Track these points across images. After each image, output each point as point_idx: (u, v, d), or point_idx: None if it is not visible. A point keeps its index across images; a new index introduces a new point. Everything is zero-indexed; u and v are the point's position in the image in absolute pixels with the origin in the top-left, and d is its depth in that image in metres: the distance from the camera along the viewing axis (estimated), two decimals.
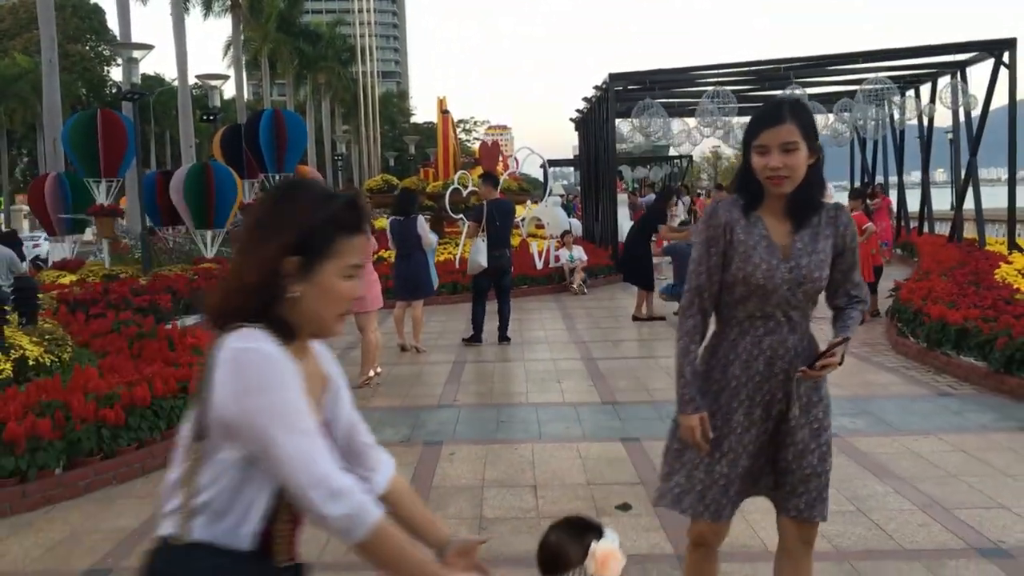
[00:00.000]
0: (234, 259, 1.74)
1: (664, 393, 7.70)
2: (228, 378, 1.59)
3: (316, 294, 1.69)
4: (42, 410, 5.56)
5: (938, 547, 4.21)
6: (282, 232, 1.66)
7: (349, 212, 1.72)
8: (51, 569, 4.29)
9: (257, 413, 1.57)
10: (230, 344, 1.61)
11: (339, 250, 1.70)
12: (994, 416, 6.59)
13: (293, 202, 1.70)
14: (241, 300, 1.66)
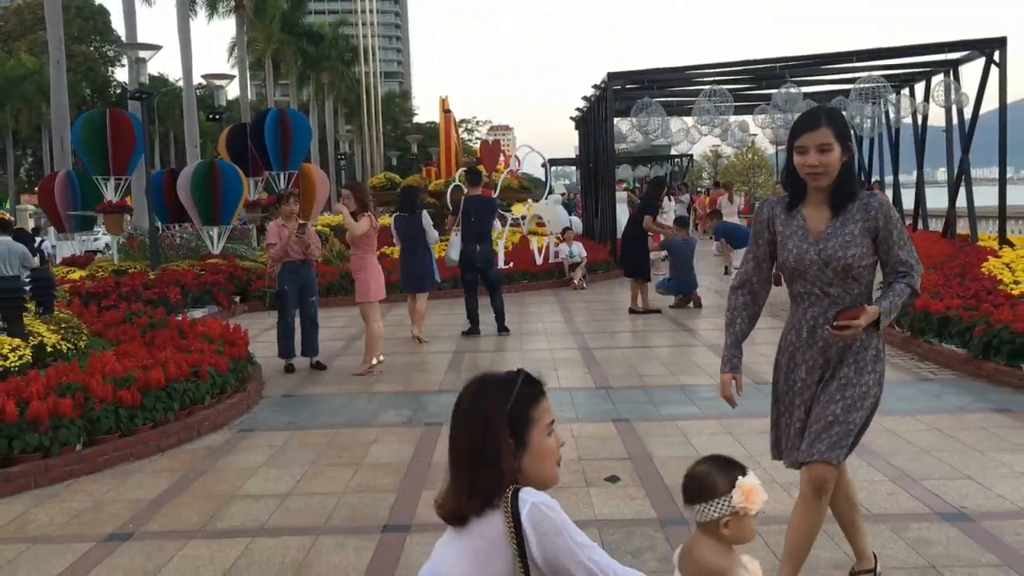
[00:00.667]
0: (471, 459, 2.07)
1: (656, 379, 8.01)
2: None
3: (534, 459, 2.08)
4: (63, 391, 5.87)
5: (904, 512, 4.51)
6: (498, 428, 2.04)
7: (528, 386, 2.12)
8: (77, 533, 4.60)
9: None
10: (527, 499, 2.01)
11: (536, 417, 2.09)
12: (971, 399, 6.88)
13: (487, 401, 2.09)
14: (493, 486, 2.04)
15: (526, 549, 1.96)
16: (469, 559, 2.03)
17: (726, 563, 2.29)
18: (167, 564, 4.13)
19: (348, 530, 4.51)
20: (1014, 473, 5.05)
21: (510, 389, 2.09)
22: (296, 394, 7.92)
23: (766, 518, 4.55)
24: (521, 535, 1.96)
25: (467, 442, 2.08)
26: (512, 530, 1.97)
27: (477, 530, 2.02)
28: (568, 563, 1.97)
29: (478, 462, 2.05)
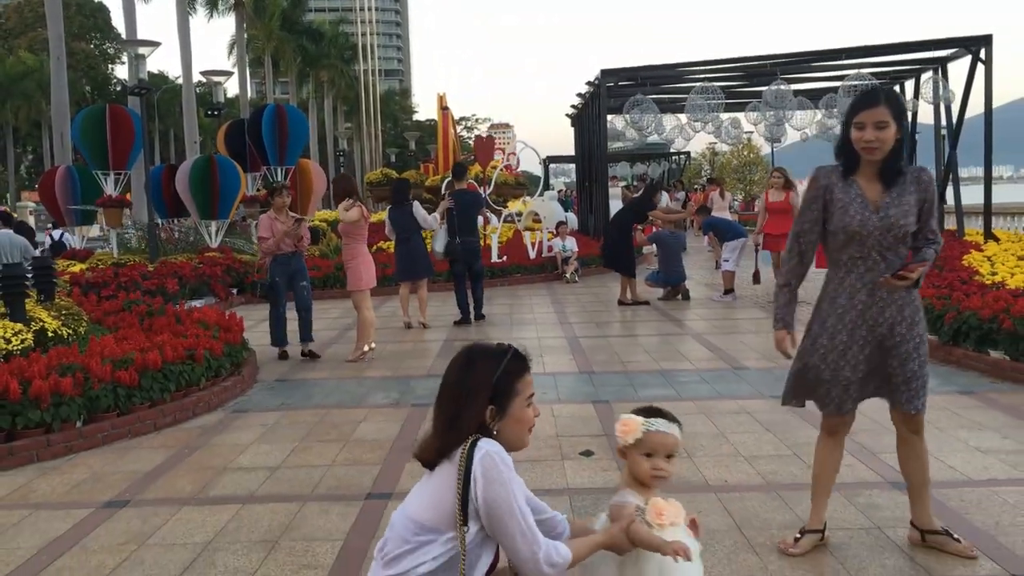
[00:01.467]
0: (444, 413, 2.38)
1: (638, 365, 8.27)
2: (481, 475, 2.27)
3: (511, 424, 2.40)
4: (63, 371, 6.13)
5: (858, 481, 4.77)
6: (481, 395, 2.35)
7: (517, 361, 2.43)
8: (77, 500, 4.86)
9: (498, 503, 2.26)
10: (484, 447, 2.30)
11: (519, 390, 2.40)
12: (938, 382, 7.13)
13: (476, 369, 2.39)
14: (458, 442, 2.31)
15: (471, 489, 2.23)
16: (429, 496, 2.32)
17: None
18: (162, 527, 4.40)
19: (333, 497, 4.77)
20: (968, 448, 5.31)
21: (499, 361, 2.39)
22: (289, 379, 8.19)
23: (727, 486, 4.84)
24: (469, 475, 2.23)
25: (451, 399, 2.38)
26: (462, 470, 2.23)
27: (441, 472, 2.30)
28: (504, 514, 2.24)
29: (455, 421, 2.33)
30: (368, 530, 4.25)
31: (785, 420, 6.09)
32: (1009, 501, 4.38)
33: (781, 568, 3.69)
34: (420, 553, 2.28)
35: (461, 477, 2.24)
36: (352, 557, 3.93)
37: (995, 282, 9.13)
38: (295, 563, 3.90)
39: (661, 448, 2.55)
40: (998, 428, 5.73)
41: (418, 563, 2.27)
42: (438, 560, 2.27)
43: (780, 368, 7.82)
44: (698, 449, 5.46)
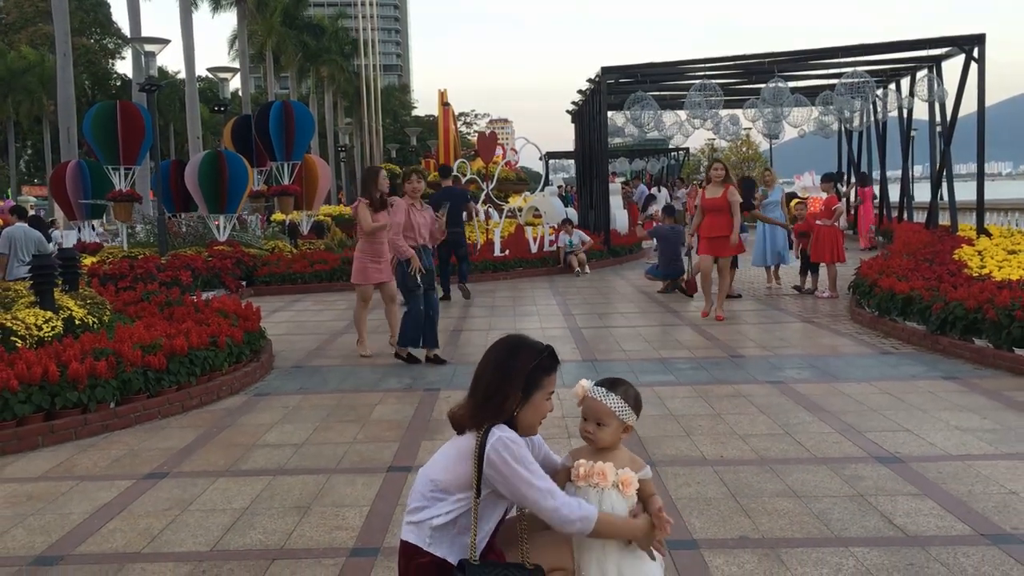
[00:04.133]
0: (485, 393, 2.75)
1: (638, 354, 8.64)
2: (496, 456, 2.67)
3: (529, 412, 2.75)
4: (97, 355, 6.49)
5: (844, 456, 5.14)
6: (515, 382, 2.71)
7: (550, 360, 2.79)
8: (118, 472, 5.23)
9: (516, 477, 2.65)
10: (496, 433, 2.69)
11: (545, 384, 2.76)
12: (924, 368, 7.51)
13: (518, 359, 2.74)
14: (488, 419, 2.72)
15: (483, 468, 2.66)
16: (449, 459, 2.77)
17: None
18: (202, 495, 4.76)
19: (357, 470, 5.14)
20: (949, 427, 5.68)
21: (539, 355, 2.79)
22: (305, 365, 8.55)
23: (723, 460, 5.21)
24: (483, 457, 2.66)
25: (489, 379, 2.77)
26: (477, 451, 2.67)
27: (461, 443, 2.75)
28: (520, 485, 2.64)
29: (488, 400, 2.74)
30: (392, 497, 4.62)
31: (779, 403, 6.46)
32: (983, 473, 4.75)
33: (771, 528, 4.06)
34: (433, 508, 2.71)
35: (476, 456, 2.66)
36: (378, 520, 4.30)
37: (982, 275, 9.49)
38: (327, 525, 4.27)
39: (592, 414, 2.87)
40: (977, 410, 6.10)
41: (433, 515, 2.70)
42: (450, 515, 2.69)
43: (776, 356, 8.23)
44: (696, 429, 5.83)
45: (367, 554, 3.91)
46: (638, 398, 2.95)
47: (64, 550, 4.06)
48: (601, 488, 2.78)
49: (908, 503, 4.33)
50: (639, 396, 2.96)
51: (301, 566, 3.80)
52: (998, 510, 4.20)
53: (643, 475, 2.85)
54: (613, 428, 2.85)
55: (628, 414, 2.88)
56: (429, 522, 2.70)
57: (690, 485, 4.70)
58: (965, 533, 3.95)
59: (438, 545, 2.68)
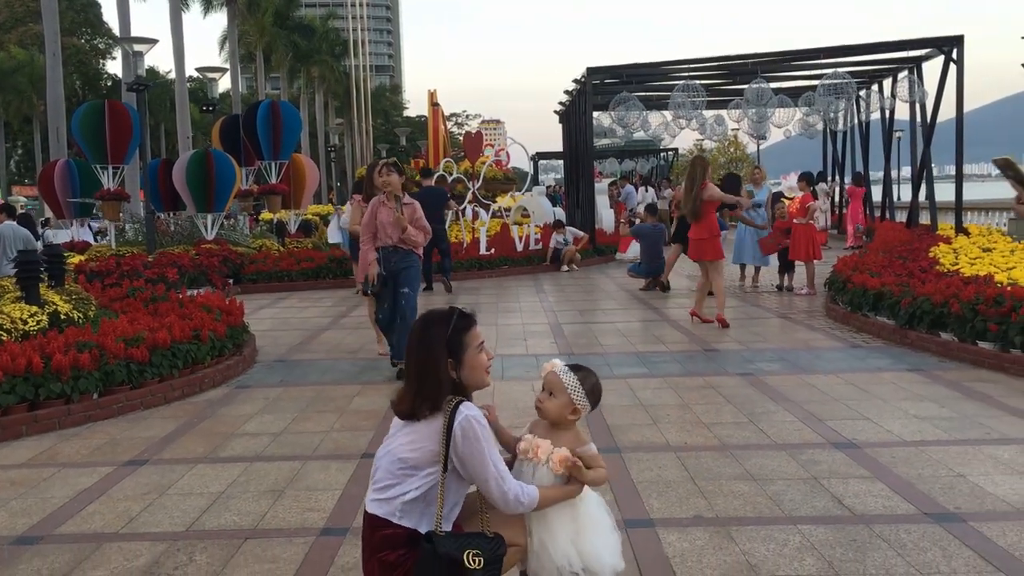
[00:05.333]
0: (417, 374, 2.88)
1: (615, 348, 8.82)
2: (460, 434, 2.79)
3: (468, 371, 2.89)
4: (80, 348, 6.63)
5: (803, 442, 5.32)
6: (439, 352, 2.85)
7: (462, 319, 2.92)
8: (99, 460, 5.38)
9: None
10: (464, 412, 2.81)
11: (468, 342, 2.89)
12: (891, 361, 7.70)
13: (432, 332, 2.90)
14: (433, 396, 2.85)
15: (451, 445, 2.80)
16: (412, 442, 2.89)
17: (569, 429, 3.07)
18: (179, 480, 4.92)
19: (332, 457, 5.30)
20: (907, 416, 5.87)
21: (448, 322, 2.92)
22: (287, 359, 8.70)
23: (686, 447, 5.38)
24: (450, 434, 2.80)
25: (416, 362, 2.91)
26: (446, 429, 2.81)
27: (425, 424, 2.87)
28: (478, 464, 2.80)
29: (423, 378, 2.88)
30: (365, 482, 4.74)
31: (746, 394, 6.64)
32: (934, 458, 4.93)
33: (725, 509, 4.23)
34: (404, 485, 2.85)
35: (444, 433, 2.80)
36: (350, 503, 4.46)
37: (951, 271, 9.69)
38: (300, 507, 4.43)
39: (547, 384, 3.06)
40: (937, 399, 6.29)
41: (403, 492, 2.84)
42: (419, 490, 2.84)
43: (749, 350, 8.41)
44: (663, 418, 6.00)
45: (336, 533, 4.07)
46: (596, 388, 3.09)
47: (44, 531, 4.21)
48: (535, 463, 2.96)
49: (858, 485, 4.51)
50: (598, 387, 3.10)
51: (272, 544, 3.96)
52: (944, 491, 4.39)
53: (583, 451, 3.00)
54: (561, 403, 3.01)
55: (579, 395, 3.02)
56: (400, 498, 2.83)
57: (652, 469, 4.88)
58: (910, 512, 4.13)
59: (408, 518, 2.83)
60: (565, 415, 3.03)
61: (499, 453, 2.89)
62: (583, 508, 3.02)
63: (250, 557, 3.83)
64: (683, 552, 3.74)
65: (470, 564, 2.74)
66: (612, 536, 3.07)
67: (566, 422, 3.05)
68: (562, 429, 3.06)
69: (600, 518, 3.07)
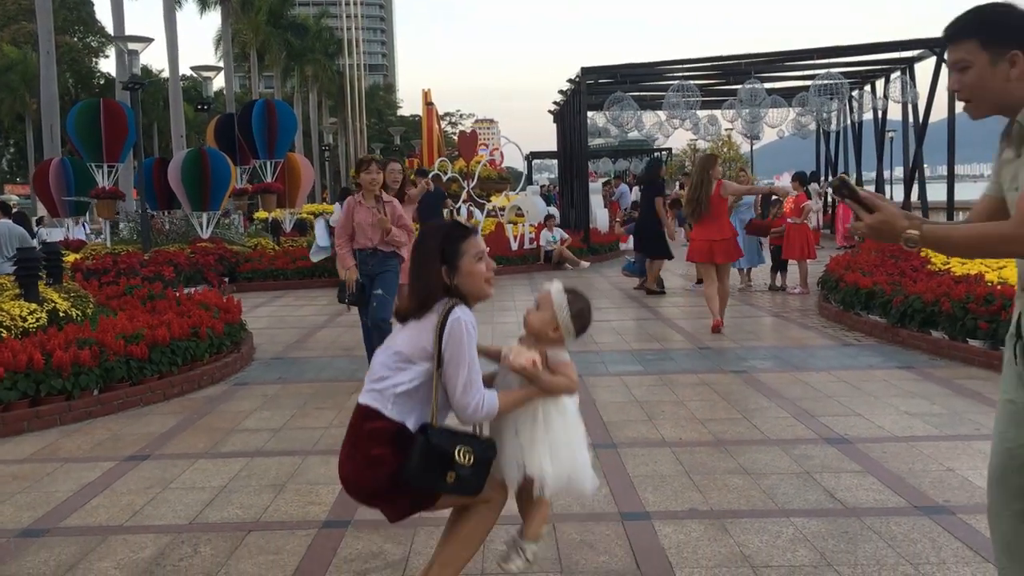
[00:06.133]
0: (413, 279, 3.00)
1: (609, 346, 8.90)
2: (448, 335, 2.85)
3: (465, 278, 2.95)
4: (81, 344, 6.68)
5: (796, 438, 5.41)
6: (434, 260, 2.94)
7: (457, 228, 3.04)
8: (101, 455, 5.43)
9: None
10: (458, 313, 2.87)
11: (464, 250, 2.96)
12: (882, 359, 7.80)
13: (428, 242, 2.99)
14: (430, 298, 2.94)
15: (442, 340, 2.86)
16: (410, 337, 2.96)
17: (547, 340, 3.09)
18: (181, 475, 4.98)
19: (332, 452, 5.33)
20: (898, 412, 5.96)
21: (442, 231, 3.04)
22: (285, 356, 8.76)
23: (681, 442, 5.45)
24: (443, 331, 2.87)
25: (416, 272, 3.01)
26: (439, 326, 2.88)
27: (422, 321, 2.94)
28: (456, 364, 2.85)
29: (419, 279, 2.98)
30: None
31: (740, 390, 6.73)
32: (924, 452, 5.02)
33: (720, 502, 4.31)
34: (398, 376, 2.91)
35: (437, 329, 2.87)
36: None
37: (943, 270, 9.79)
38: (301, 501, 4.50)
39: (538, 299, 3.13)
40: (928, 396, 6.38)
41: (397, 383, 2.90)
42: (412, 383, 2.89)
43: (743, 348, 8.50)
44: (658, 414, 6.08)
45: (338, 526, 4.14)
46: (583, 314, 3.10)
47: (50, 524, 4.27)
48: (508, 368, 3.00)
49: (850, 479, 4.59)
50: (586, 313, 3.12)
51: (276, 536, 4.03)
52: (934, 485, 4.47)
53: (553, 354, 3.02)
54: (544, 317, 3.05)
55: (564, 314, 3.04)
56: (393, 389, 2.88)
57: (647, 464, 4.95)
58: (900, 505, 4.22)
59: (398, 409, 2.87)
60: (547, 331, 3.05)
61: (479, 366, 2.90)
62: (561, 423, 3.03)
63: (254, 549, 3.90)
64: (679, 544, 3.82)
65: (460, 459, 2.82)
66: (585, 453, 3.11)
67: (548, 339, 3.06)
68: (546, 345, 3.06)
69: (576, 436, 3.10)
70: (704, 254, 9.52)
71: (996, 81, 2.32)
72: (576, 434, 3.11)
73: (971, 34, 2.33)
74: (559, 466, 2.99)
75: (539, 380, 2.95)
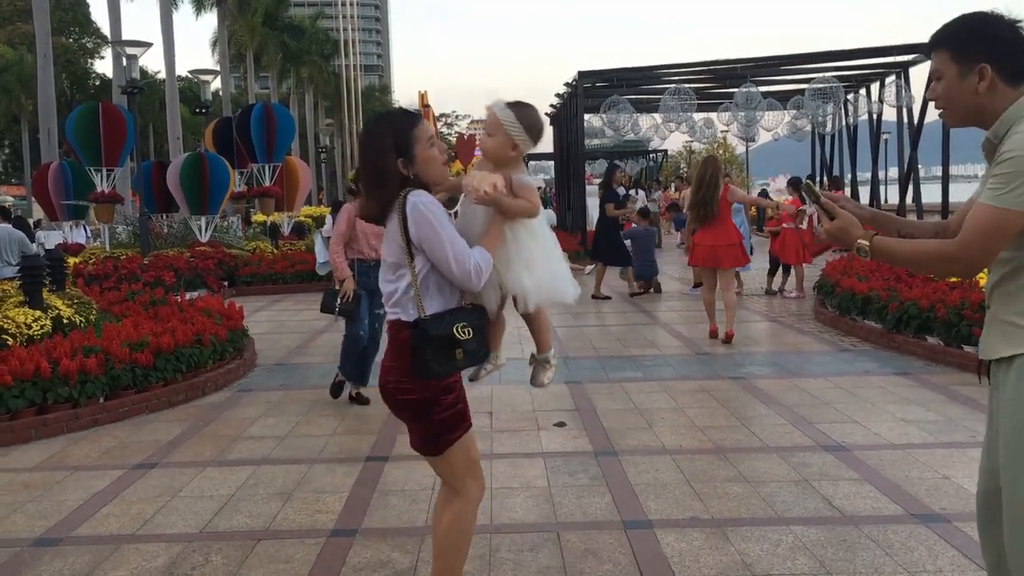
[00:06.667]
0: (367, 176, 2.92)
1: (609, 351, 8.98)
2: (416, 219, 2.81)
3: (422, 165, 2.90)
4: (87, 352, 6.75)
5: (794, 445, 5.50)
6: (388, 150, 2.86)
7: (405, 115, 2.97)
8: (109, 463, 5.50)
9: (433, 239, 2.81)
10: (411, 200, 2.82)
11: (417, 136, 2.90)
12: (878, 365, 7.90)
13: (377, 131, 2.92)
14: (391, 195, 2.88)
15: (409, 231, 2.83)
16: (388, 243, 2.94)
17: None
18: (190, 483, 5.05)
19: (337, 460, 5.45)
20: (895, 419, 6.05)
21: (392, 120, 2.96)
22: (287, 362, 8.83)
23: (682, 450, 5.52)
24: (406, 222, 2.84)
25: (367, 163, 2.93)
26: (401, 219, 2.85)
27: (390, 223, 2.91)
28: (435, 245, 2.81)
29: (378, 176, 2.90)
30: (370, 484, 4.93)
31: (738, 397, 6.82)
32: (920, 460, 5.12)
33: (720, 510, 4.40)
34: (401, 283, 2.90)
35: (401, 224, 2.85)
36: (357, 504, 4.60)
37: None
38: (309, 509, 4.57)
39: (487, 125, 3.04)
40: (924, 403, 6.47)
41: (403, 288, 2.89)
42: (416, 280, 2.87)
43: (740, 354, 8.60)
44: (658, 421, 6.17)
45: (346, 534, 4.22)
46: (535, 122, 3.02)
47: (62, 533, 4.34)
48: (471, 199, 2.94)
49: (848, 487, 4.68)
50: (537, 120, 3.03)
51: (285, 545, 4.11)
52: (930, 493, 4.56)
53: (516, 178, 2.98)
54: (500, 141, 2.98)
55: (516, 129, 2.97)
56: (405, 295, 2.89)
57: (649, 472, 5.04)
58: (897, 513, 4.30)
59: (420, 309, 2.87)
60: (506, 152, 3.00)
61: (456, 232, 2.86)
62: (530, 241, 3.02)
63: (264, 557, 3.97)
64: (681, 552, 3.90)
65: (460, 335, 2.85)
66: (561, 264, 3.13)
67: (508, 159, 3.01)
68: (507, 168, 3.01)
69: (549, 250, 3.09)
70: (708, 259, 9.29)
71: (965, 93, 2.36)
72: (548, 248, 3.09)
73: (944, 45, 2.38)
74: (537, 279, 3.01)
75: (500, 204, 2.90)
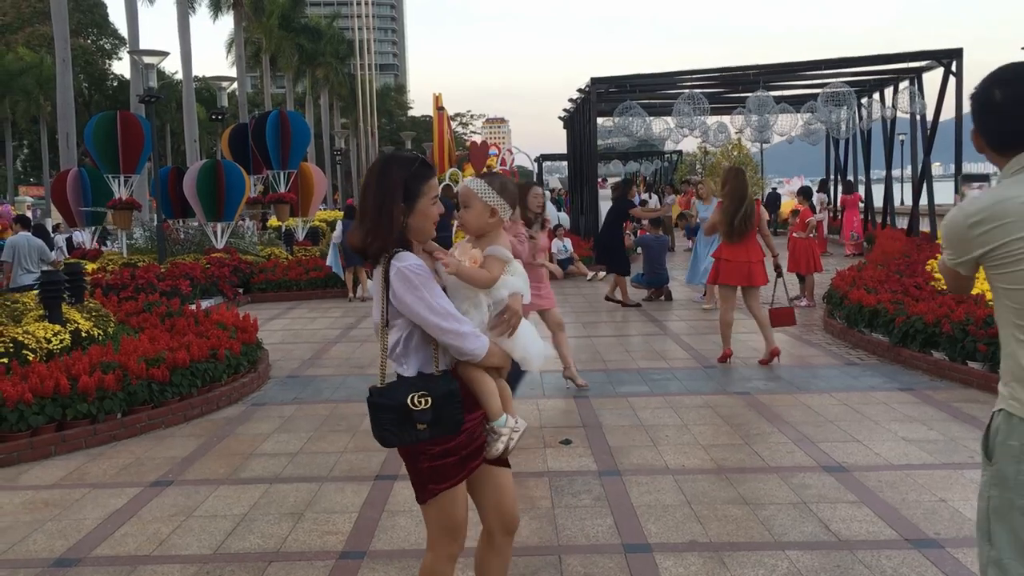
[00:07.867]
0: (369, 214, 2.87)
1: (617, 364, 9.09)
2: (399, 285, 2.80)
3: (418, 218, 2.89)
4: (105, 368, 6.92)
5: (795, 465, 5.59)
6: (395, 194, 2.85)
7: (423, 167, 2.95)
8: (127, 480, 5.67)
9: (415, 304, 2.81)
10: (396, 265, 2.81)
11: (425, 191, 2.91)
12: (883, 380, 7.97)
13: (392, 172, 2.89)
14: (383, 235, 2.85)
15: (390, 295, 2.85)
16: (374, 302, 2.96)
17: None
18: (205, 501, 5.20)
19: (347, 478, 5.58)
20: (896, 438, 6.13)
21: (410, 166, 2.95)
22: (300, 375, 8.99)
23: (684, 469, 5.63)
24: (388, 286, 2.86)
25: (372, 200, 2.91)
26: (384, 281, 2.87)
27: (376, 277, 2.93)
28: (420, 316, 2.81)
29: (378, 216, 2.88)
30: (379, 504, 5.06)
31: (743, 414, 6.91)
32: (919, 482, 5.20)
33: (719, 534, 4.51)
34: (390, 341, 2.90)
35: (383, 285, 2.86)
36: (366, 525, 4.74)
37: (945, 289, 9.94)
38: (319, 530, 4.71)
39: (461, 199, 3.11)
40: (926, 421, 6.55)
41: (393, 345, 2.90)
42: (402, 338, 2.89)
43: (747, 367, 8.68)
44: (662, 439, 6.28)
45: (355, 557, 4.36)
46: (506, 185, 3.10)
47: (81, 553, 4.49)
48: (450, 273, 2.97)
49: (845, 510, 4.78)
50: (508, 184, 3.13)
51: (295, 568, 4.24)
52: (926, 516, 4.65)
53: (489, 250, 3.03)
54: (476, 211, 3.06)
55: (491, 195, 3.05)
56: (396, 352, 2.89)
57: (651, 493, 5.15)
58: (892, 538, 4.40)
59: (411, 366, 2.90)
60: (485, 220, 3.06)
61: (440, 299, 2.83)
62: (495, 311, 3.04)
63: None
64: None
65: (414, 405, 2.79)
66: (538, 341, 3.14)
67: (489, 227, 3.08)
68: (488, 238, 3.08)
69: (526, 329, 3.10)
70: (742, 277, 8.67)
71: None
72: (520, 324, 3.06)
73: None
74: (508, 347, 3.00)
75: (461, 275, 2.94)
